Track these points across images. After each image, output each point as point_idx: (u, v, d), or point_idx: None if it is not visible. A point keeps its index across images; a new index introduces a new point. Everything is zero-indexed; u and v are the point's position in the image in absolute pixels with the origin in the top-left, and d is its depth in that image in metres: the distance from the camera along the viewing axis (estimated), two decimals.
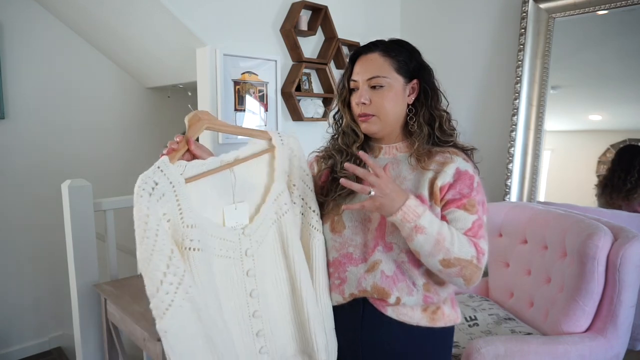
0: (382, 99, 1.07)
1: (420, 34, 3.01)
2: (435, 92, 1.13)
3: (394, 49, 1.10)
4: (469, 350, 1.52)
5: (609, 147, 2.25)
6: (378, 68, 1.07)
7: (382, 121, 1.09)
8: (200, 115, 0.99)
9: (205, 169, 0.96)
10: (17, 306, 2.81)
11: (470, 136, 2.82)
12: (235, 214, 1.00)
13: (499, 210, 2.13)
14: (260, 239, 1.03)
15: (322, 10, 2.52)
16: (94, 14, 2.53)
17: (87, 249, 1.87)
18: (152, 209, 0.83)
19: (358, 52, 1.12)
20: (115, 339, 1.84)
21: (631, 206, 2.19)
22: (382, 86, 1.07)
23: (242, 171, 1.03)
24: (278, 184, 1.05)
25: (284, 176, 1.07)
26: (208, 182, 0.97)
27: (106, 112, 3.14)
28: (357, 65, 1.10)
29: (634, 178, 2.14)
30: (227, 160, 1.01)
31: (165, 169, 0.87)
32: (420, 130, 1.10)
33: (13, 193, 2.75)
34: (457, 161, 1.07)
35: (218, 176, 0.99)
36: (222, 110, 2.22)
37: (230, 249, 0.99)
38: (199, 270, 0.88)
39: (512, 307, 1.98)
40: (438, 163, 1.07)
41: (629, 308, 1.60)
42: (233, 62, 2.25)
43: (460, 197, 1.03)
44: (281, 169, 1.06)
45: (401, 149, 1.13)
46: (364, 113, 1.08)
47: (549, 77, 2.44)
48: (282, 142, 1.08)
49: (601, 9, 2.25)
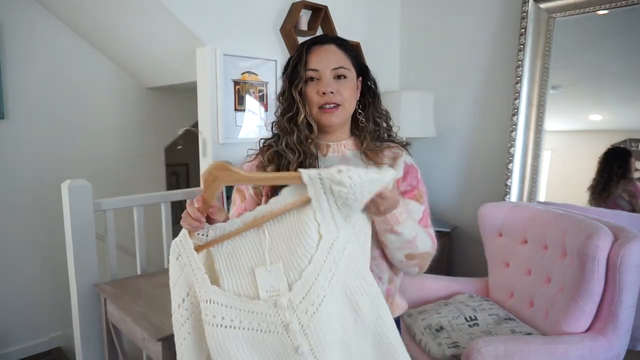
0: (347, 90, 1.06)
1: (420, 34, 3.01)
2: (377, 90, 1.14)
3: (346, 44, 1.10)
4: (469, 350, 1.52)
5: (609, 147, 2.26)
6: (340, 59, 1.06)
7: (345, 112, 1.07)
8: (216, 174, 0.86)
9: (226, 231, 0.88)
10: (17, 306, 2.81)
11: (470, 136, 2.82)
12: (268, 278, 0.86)
13: (499, 210, 2.13)
14: (312, 308, 0.83)
15: (322, 10, 2.52)
16: (94, 14, 2.53)
17: (87, 249, 1.87)
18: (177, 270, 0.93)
19: (312, 42, 1.08)
20: (115, 339, 1.84)
21: (607, 206, 2.24)
22: (345, 77, 1.06)
23: (281, 230, 0.87)
24: (326, 235, 0.85)
25: (332, 221, 0.85)
26: (236, 246, 0.88)
27: (106, 112, 3.14)
28: (314, 55, 1.06)
29: (604, 179, 2.24)
30: (250, 218, 0.88)
31: (184, 242, 0.89)
32: (368, 126, 1.10)
33: (13, 193, 2.75)
34: (404, 155, 1.12)
35: (247, 237, 0.88)
36: (222, 110, 2.22)
37: (265, 322, 0.85)
38: (225, 347, 0.85)
39: (512, 307, 1.97)
40: (389, 158, 1.10)
41: (629, 308, 1.60)
42: (233, 62, 2.25)
43: (411, 188, 1.09)
44: (328, 217, 0.85)
45: (349, 146, 1.12)
46: (332, 103, 1.04)
47: (549, 77, 2.44)
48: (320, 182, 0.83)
49: (601, 9, 2.25)
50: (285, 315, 0.83)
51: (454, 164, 2.89)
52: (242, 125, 2.32)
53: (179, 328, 0.91)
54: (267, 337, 0.84)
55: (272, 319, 0.84)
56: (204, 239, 0.89)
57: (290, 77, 1.07)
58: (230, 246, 0.88)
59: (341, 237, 0.85)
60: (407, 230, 0.99)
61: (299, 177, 0.83)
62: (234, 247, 0.88)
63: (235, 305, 0.85)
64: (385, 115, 1.15)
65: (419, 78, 3.05)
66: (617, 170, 2.22)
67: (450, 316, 1.89)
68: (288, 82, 1.08)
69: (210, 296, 0.85)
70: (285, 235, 0.86)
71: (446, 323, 1.85)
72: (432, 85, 2.96)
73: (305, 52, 1.06)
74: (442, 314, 1.91)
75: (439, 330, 1.82)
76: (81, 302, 1.87)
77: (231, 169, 0.86)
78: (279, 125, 1.10)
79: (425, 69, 3.01)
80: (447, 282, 2.20)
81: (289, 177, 0.86)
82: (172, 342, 1.43)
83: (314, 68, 1.05)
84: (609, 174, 2.23)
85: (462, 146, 2.86)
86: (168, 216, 2.14)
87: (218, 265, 0.88)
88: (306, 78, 1.05)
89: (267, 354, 0.85)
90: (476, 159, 2.82)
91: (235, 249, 0.88)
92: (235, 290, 0.87)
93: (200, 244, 0.89)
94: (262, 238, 0.87)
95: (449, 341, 1.75)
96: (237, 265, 0.88)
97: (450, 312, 1.92)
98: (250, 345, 0.84)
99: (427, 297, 2.15)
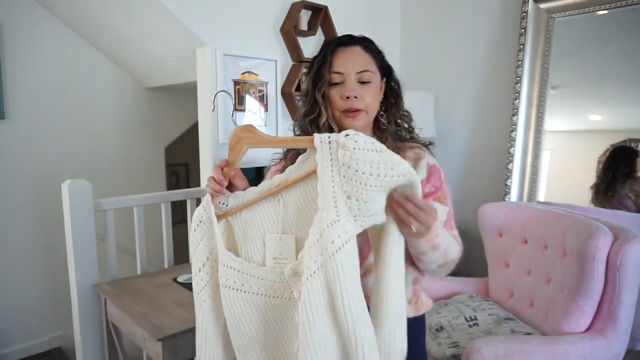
0: (370, 94, 1.04)
1: (420, 34, 3.01)
2: (400, 92, 1.13)
3: (371, 45, 1.08)
4: (469, 350, 1.52)
5: (609, 147, 2.26)
6: (365, 62, 1.04)
7: (368, 117, 1.06)
8: (240, 135, 0.88)
9: (244, 200, 0.90)
10: (17, 306, 2.81)
11: (470, 136, 2.82)
12: (279, 246, 0.88)
13: (499, 210, 2.13)
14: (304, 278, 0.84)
15: (322, 10, 2.52)
16: (94, 14, 2.53)
17: (87, 249, 1.87)
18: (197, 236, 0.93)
19: (338, 44, 1.06)
20: (115, 339, 1.84)
21: (612, 205, 2.24)
22: (370, 81, 1.04)
23: (294, 199, 0.87)
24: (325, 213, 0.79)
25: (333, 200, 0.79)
26: (252, 216, 0.91)
27: (106, 112, 3.14)
28: (339, 57, 1.04)
29: (608, 178, 2.23)
30: (265, 187, 0.88)
31: (207, 208, 0.91)
32: (390, 127, 1.09)
33: (13, 193, 2.75)
34: (427, 156, 1.09)
35: (263, 207, 0.90)
36: (222, 110, 2.22)
37: (272, 288, 0.87)
38: (233, 308, 0.89)
39: (512, 307, 1.98)
40: (412, 159, 1.07)
41: (629, 308, 1.60)
42: (233, 62, 2.25)
43: (434, 190, 1.06)
44: (329, 191, 0.79)
45: None
46: (354, 108, 1.02)
47: (549, 77, 2.44)
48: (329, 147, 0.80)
49: (601, 9, 2.25)
50: (290, 282, 0.84)
51: (454, 164, 2.89)
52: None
53: (199, 292, 0.93)
54: (272, 302, 0.87)
55: (278, 285, 0.86)
56: (224, 207, 0.92)
57: (315, 78, 1.05)
58: (247, 215, 0.91)
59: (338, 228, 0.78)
60: (444, 240, 0.95)
61: (312, 141, 0.82)
62: (251, 216, 0.91)
63: (245, 270, 0.88)
64: (407, 116, 1.13)
65: (419, 78, 3.05)
66: (623, 169, 2.20)
67: (450, 316, 1.89)
68: (312, 83, 1.06)
69: (226, 261, 0.89)
70: (298, 204, 0.87)
71: (446, 323, 1.85)
72: (432, 85, 2.96)
73: (330, 54, 1.04)
74: (442, 314, 1.91)
75: (439, 330, 1.82)
76: (81, 302, 1.87)
77: (254, 131, 0.87)
78: (301, 127, 1.09)
79: (425, 69, 3.01)
80: (447, 282, 2.20)
81: (304, 141, 0.85)
82: (172, 342, 1.44)
83: (338, 71, 1.03)
84: (614, 173, 2.21)
85: (462, 146, 2.86)
86: (168, 216, 2.14)
87: (237, 234, 0.92)
88: (330, 81, 1.04)
89: (271, 317, 0.88)
90: (476, 159, 2.82)
91: (252, 218, 0.91)
92: (248, 257, 0.91)
93: (220, 213, 0.91)
94: (277, 207, 0.88)
95: (449, 341, 1.75)
96: (252, 233, 0.91)
97: (450, 312, 1.92)
98: (256, 308, 0.88)
99: None
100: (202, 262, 0.92)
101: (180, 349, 1.46)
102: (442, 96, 2.89)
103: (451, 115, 2.88)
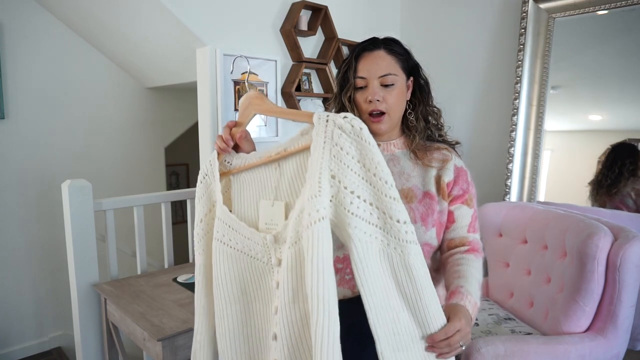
0: (393, 97, 1.08)
1: (420, 35, 3.01)
2: (429, 88, 1.17)
3: (395, 47, 1.12)
4: (469, 350, 1.52)
5: (609, 147, 2.25)
6: (388, 65, 1.08)
7: (391, 119, 1.10)
8: (250, 100, 0.97)
9: (246, 162, 0.96)
10: (17, 306, 2.81)
11: (470, 136, 2.82)
12: (270, 212, 0.91)
13: (499, 210, 2.13)
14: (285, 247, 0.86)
15: (322, 10, 2.52)
16: (94, 14, 2.53)
17: (87, 249, 1.87)
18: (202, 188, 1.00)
19: (362, 49, 1.11)
20: (115, 339, 1.84)
21: (613, 202, 2.22)
22: (392, 84, 1.08)
23: (290, 168, 0.90)
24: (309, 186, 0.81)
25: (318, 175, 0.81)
26: (251, 178, 0.96)
27: (106, 112, 3.14)
28: (363, 62, 1.09)
29: (614, 174, 2.19)
30: (266, 153, 0.92)
31: (213, 163, 0.97)
32: (419, 124, 1.13)
33: (13, 193, 2.75)
34: (454, 158, 1.13)
35: (262, 171, 0.94)
36: (222, 110, 2.22)
37: (254, 249, 0.91)
38: (217, 259, 0.95)
39: (512, 307, 1.98)
40: (438, 160, 1.11)
41: (628, 308, 1.60)
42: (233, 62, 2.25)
43: (462, 192, 1.11)
44: (317, 166, 0.81)
45: (398, 145, 1.15)
46: (378, 110, 1.08)
47: (549, 77, 2.44)
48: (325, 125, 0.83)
49: (601, 9, 2.25)
50: (270, 248, 0.89)
51: None
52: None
53: (198, 241, 1.00)
54: (251, 262, 0.92)
55: (260, 249, 0.90)
56: (228, 165, 0.98)
57: (341, 82, 1.11)
58: (246, 177, 0.97)
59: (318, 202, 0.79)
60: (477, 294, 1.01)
61: (311, 116, 0.86)
62: (250, 178, 0.97)
63: (235, 227, 0.93)
64: (437, 113, 1.17)
65: None
66: (629, 166, 2.14)
67: None
68: (339, 87, 1.12)
69: (221, 215, 0.94)
70: (293, 172, 0.91)
71: None
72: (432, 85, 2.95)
73: (354, 60, 1.09)
74: None
75: None
76: (81, 302, 1.87)
77: (264, 99, 0.96)
78: None
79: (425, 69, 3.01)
80: None
81: (304, 115, 0.89)
82: (172, 342, 1.44)
83: (361, 76, 1.08)
84: (620, 170, 2.16)
85: (462, 146, 2.86)
86: (168, 216, 2.14)
87: (233, 192, 0.98)
88: (355, 85, 1.09)
89: (247, 276, 0.94)
90: (476, 159, 2.82)
91: (251, 179, 0.96)
92: (240, 216, 0.96)
93: (223, 170, 0.98)
94: (274, 173, 0.93)
95: None
96: (247, 194, 0.96)
97: None
98: (237, 264, 0.93)
99: None
100: (204, 214, 0.99)
101: (180, 349, 1.47)
102: (442, 96, 2.89)
103: (451, 115, 2.87)
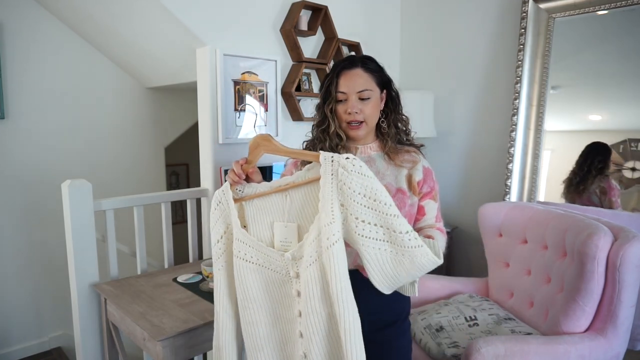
0: (369, 108, 1.25)
1: (420, 35, 3.01)
2: (399, 99, 1.33)
3: (371, 65, 1.28)
4: (469, 350, 1.52)
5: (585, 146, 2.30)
6: (365, 82, 1.25)
7: (368, 126, 1.28)
8: (259, 142, 1.12)
9: (257, 191, 1.11)
10: (17, 306, 2.81)
11: (470, 136, 2.82)
12: (285, 232, 1.09)
13: (499, 210, 2.13)
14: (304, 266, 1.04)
15: (322, 10, 2.52)
16: (94, 14, 2.53)
17: (87, 249, 1.87)
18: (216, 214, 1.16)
19: (342, 67, 1.27)
20: (115, 339, 1.84)
21: (581, 200, 2.28)
22: (369, 98, 1.25)
23: (299, 196, 1.09)
24: (324, 215, 1.00)
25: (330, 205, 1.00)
26: (263, 204, 1.11)
27: (106, 112, 3.14)
28: (343, 79, 1.25)
29: (582, 172, 2.29)
30: (276, 185, 1.10)
31: (226, 192, 1.12)
32: (390, 130, 1.30)
33: (13, 193, 2.75)
34: (422, 160, 1.31)
35: (273, 199, 1.11)
36: (222, 110, 2.22)
37: (273, 264, 1.08)
38: (242, 274, 1.10)
39: (512, 307, 1.98)
40: (409, 162, 1.29)
41: (628, 308, 1.60)
42: (233, 62, 2.25)
43: (430, 189, 1.29)
44: (328, 198, 1.01)
45: (374, 148, 1.32)
46: (356, 120, 1.25)
47: (549, 77, 2.44)
48: (331, 164, 1.02)
49: (601, 9, 2.25)
50: (288, 264, 1.06)
51: (454, 164, 2.89)
52: (242, 125, 2.32)
53: (217, 259, 1.15)
54: (272, 274, 1.09)
55: (278, 263, 1.08)
56: (240, 193, 1.13)
57: (324, 95, 1.28)
58: (259, 203, 1.12)
59: (333, 227, 0.99)
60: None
61: (318, 157, 1.04)
62: (262, 204, 1.12)
63: (255, 246, 1.09)
64: (405, 120, 1.34)
65: (419, 78, 3.05)
66: (597, 165, 2.25)
67: (450, 316, 1.89)
68: (322, 99, 1.29)
69: (239, 236, 1.10)
70: (302, 202, 1.08)
71: (446, 323, 1.85)
72: (432, 85, 2.96)
73: (335, 76, 1.26)
74: (442, 313, 1.91)
75: (439, 330, 1.82)
76: (81, 302, 1.87)
77: (271, 140, 1.11)
78: (314, 134, 1.33)
79: (425, 69, 3.01)
80: (447, 282, 2.20)
81: (311, 155, 1.07)
82: (172, 342, 1.44)
83: (342, 91, 1.25)
84: (588, 168, 2.27)
85: (462, 146, 2.86)
86: (168, 216, 2.14)
87: (247, 216, 1.13)
88: (336, 98, 1.26)
89: (270, 285, 1.10)
90: (476, 159, 2.82)
91: (263, 205, 1.12)
92: (257, 236, 1.11)
93: (236, 198, 1.12)
94: (284, 201, 1.10)
95: (448, 341, 1.75)
96: (261, 218, 1.12)
97: (450, 312, 1.92)
98: (259, 276, 1.10)
99: (427, 297, 2.15)
100: (220, 235, 1.14)
101: (180, 349, 1.47)
102: (442, 96, 2.89)
103: (451, 115, 2.88)
